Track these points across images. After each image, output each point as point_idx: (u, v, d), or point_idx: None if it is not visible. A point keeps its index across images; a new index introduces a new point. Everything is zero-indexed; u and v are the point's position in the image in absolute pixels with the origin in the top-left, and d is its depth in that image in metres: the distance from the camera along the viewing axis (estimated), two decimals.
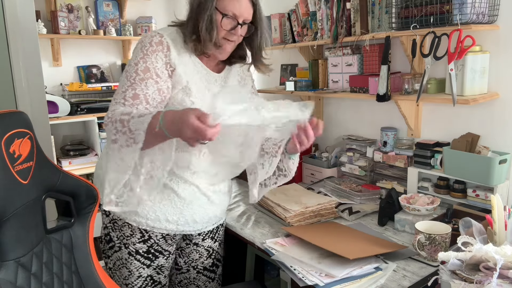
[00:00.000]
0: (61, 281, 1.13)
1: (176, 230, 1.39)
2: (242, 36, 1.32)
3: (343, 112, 2.18)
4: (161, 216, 1.35)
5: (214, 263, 1.57)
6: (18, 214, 1.01)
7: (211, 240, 1.53)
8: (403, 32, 1.60)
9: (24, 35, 1.92)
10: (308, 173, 2.17)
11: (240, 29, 1.28)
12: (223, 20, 1.25)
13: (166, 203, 1.35)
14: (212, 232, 1.52)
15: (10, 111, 1.05)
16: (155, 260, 1.40)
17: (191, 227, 1.41)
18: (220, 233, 1.58)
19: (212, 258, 1.55)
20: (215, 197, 1.42)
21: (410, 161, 1.77)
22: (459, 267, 0.99)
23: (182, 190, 1.34)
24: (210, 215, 1.44)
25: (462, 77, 1.50)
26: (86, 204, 1.22)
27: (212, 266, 1.57)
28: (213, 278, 1.58)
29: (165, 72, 1.26)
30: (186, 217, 1.38)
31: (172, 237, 1.42)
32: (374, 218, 1.65)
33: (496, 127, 1.57)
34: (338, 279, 1.20)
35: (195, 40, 1.28)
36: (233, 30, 1.27)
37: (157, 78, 1.24)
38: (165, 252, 1.42)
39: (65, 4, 3.10)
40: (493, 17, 1.48)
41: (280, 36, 2.28)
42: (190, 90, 1.28)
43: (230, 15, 1.25)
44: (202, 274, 1.55)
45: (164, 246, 1.41)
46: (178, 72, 1.27)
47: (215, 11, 1.24)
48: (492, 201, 1.12)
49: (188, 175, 1.34)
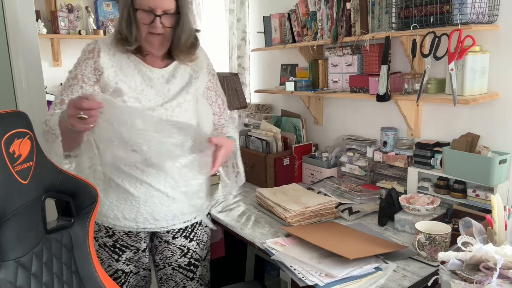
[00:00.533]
0: (61, 281, 1.13)
1: (137, 228, 1.43)
2: (169, 28, 1.31)
3: (343, 112, 2.18)
4: (119, 214, 1.41)
5: (192, 262, 1.56)
6: (18, 214, 1.01)
7: (184, 239, 1.52)
8: (403, 32, 1.60)
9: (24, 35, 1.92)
10: (308, 173, 2.17)
11: (162, 21, 1.28)
12: (140, 15, 1.28)
13: (122, 202, 1.39)
14: (184, 231, 1.52)
15: (10, 111, 1.05)
16: (123, 255, 1.48)
17: (153, 225, 1.44)
18: (199, 233, 1.56)
19: (188, 258, 1.54)
20: (175, 195, 1.41)
21: (410, 161, 1.77)
22: (459, 267, 0.99)
23: (135, 188, 1.37)
24: (174, 212, 1.44)
25: (462, 77, 1.50)
26: (86, 204, 1.22)
27: (189, 266, 1.56)
28: (192, 278, 1.57)
29: (92, 77, 1.35)
30: (144, 215, 1.41)
31: (135, 234, 1.46)
32: (374, 218, 1.65)
33: (496, 127, 1.57)
34: (338, 279, 1.20)
35: (121, 40, 1.32)
36: (153, 23, 1.27)
37: (82, 83, 1.34)
38: (131, 247, 1.48)
39: (65, 4, 3.10)
40: (493, 17, 1.48)
41: (280, 36, 2.28)
42: (121, 91, 1.32)
43: (146, 9, 1.27)
44: (178, 271, 1.56)
45: (129, 241, 1.47)
46: (106, 75, 1.34)
47: (131, 7, 1.28)
48: (492, 201, 1.12)
49: (138, 173, 1.36)
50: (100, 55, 1.35)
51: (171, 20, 1.31)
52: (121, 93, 1.33)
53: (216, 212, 1.80)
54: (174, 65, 1.44)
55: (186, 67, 1.46)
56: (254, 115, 2.63)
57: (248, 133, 2.30)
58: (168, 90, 1.40)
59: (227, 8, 2.74)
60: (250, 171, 2.21)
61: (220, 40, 3.17)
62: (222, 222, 1.72)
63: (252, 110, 2.67)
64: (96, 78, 1.35)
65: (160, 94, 1.38)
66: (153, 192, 1.39)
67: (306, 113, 2.34)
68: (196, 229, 1.55)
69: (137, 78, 1.37)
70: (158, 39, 1.32)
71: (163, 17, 1.28)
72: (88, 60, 1.35)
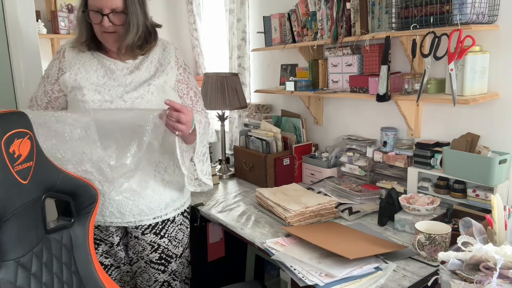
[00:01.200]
0: (61, 281, 1.13)
1: (105, 222, 1.47)
2: (120, 25, 1.38)
3: (343, 112, 2.18)
4: None
5: (163, 257, 1.57)
6: (18, 214, 1.01)
7: (154, 235, 1.54)
8: (403, 32, 1.59)
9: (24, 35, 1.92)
10: (308, 173, 2.17)
11: (111, 19, 1.36)
12: (92, 15, 1.37)
13: None
14: (154, 227, 1.53)
15: (10, 111, 1.05)
16: (99, 247, 1.54)
17: (119, 219, 1.47)
18: (170, 230, 1.57)
19: (159, 253, 1.56)
20: (141, 191, 1.45)
21: (410, 161, 1.77)
22: (459, 267, 0.99)
23: (99, 182, 1.40)
24: (141, 207, 1.47)
25: (462, 77, 1.50)
26: (86, 204, 1.23)
27: (160, 260, 1.57)
28: (164, 271, 1.59)
29: (54, 76, 1.48)
30: (110, 209, 1.45)
31: (105, 228, 1.51)
32: (374, 218, 1.65)
33: (496, 127, 1.57)
34: (338, 279, 1.20)
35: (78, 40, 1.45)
36: (102, 23, 1.36)
37: (45, 82, 1.49)
38: (105, 241, 1.54)
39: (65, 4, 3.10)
40: (493, 17, 1.48)
41: (280, 36, 2.28)
42: (80, 86, 1.42)
43: (95, 9, 1.36)
44: (150, 266, 1.58)
45: (101, 235, 1.53)
46: (68, 75, 1.44)
47: (83, 9, 1.39)
48: (492, 201, 1.12)
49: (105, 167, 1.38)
50: (65, 56, 1.48)
51: (121, 18, 1.38)
52: (81, 88, 1.41)
53: (216, 212, 1.80)
54: (141, 58, 1.50)
55: (153, 60, 1.50)
56: (254, 115, 2.63)
57: (248, 133, 2.30)
58: (131, 81, 1.44)
59: (227, 8, 2.74)
60: (250, 171, 2.21)
61: (220, 40, 3.17)
62: (222, 222, 1.71)
63: (252, 110, 2.67)
64: (57, 76, 1.47)
65: (121, 85, 1.43)
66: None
67: (306, 113, 2.34)
68: (168, 226, 1.56)
69: (100, 72, 1.45)
70: (112, 37, 1.40)
71: (111, 15, 1.36)
72: (55, 61, 1.49)
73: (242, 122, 2.71)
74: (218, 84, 2.21)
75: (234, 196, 2.01)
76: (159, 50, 1.53)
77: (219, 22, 3.13)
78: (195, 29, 3.22)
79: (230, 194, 2.04)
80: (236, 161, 2.33)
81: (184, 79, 1.55)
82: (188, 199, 1.69)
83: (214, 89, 2.21)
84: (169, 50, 1.53)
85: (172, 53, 1.53)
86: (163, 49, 1.53)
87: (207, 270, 2.19)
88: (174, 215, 1.58)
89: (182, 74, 1.55)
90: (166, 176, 1.51)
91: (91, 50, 1.47)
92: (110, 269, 1.59)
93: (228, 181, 2.29)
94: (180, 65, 1.55)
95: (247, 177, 2.26)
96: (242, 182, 2.26)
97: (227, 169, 2.37)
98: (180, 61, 1.56)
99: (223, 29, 2.94)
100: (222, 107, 2.24)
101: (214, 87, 2.21)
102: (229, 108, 2.25)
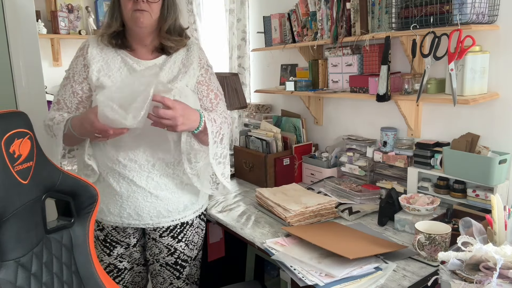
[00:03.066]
0: (61, 281, 1.13)
1: (122, 223, 1.46)
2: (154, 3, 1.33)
3: (343, 112, 2.18)
4: (105, 208, 1.44)
5: (178, 262, 1.55)
6: (18, 214, 1.01)
7: (171, 238, 1.51)
8: (403, 32, 1.60)
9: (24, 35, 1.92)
10: (308, 173, 2.17)
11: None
12: None
13: (108, 196, 1.43)
14: (172, 230, 1.51)
15: (10, 111, 1.05)
16: (114, 250, 1.51)
17: (137, 221, 1.45)
18: (188, 234, 1.54)
19: (175, 257, 1.54)
20: (159, 193, 1.43)
21: (410, 161, 1.77)
22: (459, 267, 0.99)
23: (117, 184, 1.41)
24: (158, 209, 1.45)
25: (462, 77, 1.50)
26: (86, 204, 1.22)
27: (176, 265, 1.55)
28: (178, 276, 1.58)
29: (82, 74, 1.41)
30: (128, 211, 1.43)
31: (123, 229, 1.49)
32: (374, 218, 1.65)
33: (496, 127, 1.57)
34: (338, 279, 1.20)
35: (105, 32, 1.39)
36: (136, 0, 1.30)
37: (72, 82, 1.42)
38: (122, 242, 1.51)
39: (65, 4, 3.10)
40: (493, 17, 1.48)
41: (280, 36, 2.28)
42: (102, 84, 1.37)
43: None
44: (166, 268, 1.56)
45: (118, 237, 1.49)
46: (92, 70, 1.39)
47: None
48: (492, 201, 1.12)
49: (121, 168, 1.39)
50: (88, 51, 1.41)
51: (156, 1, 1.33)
52: (103, 86, 1.36)
53: (216, 212, 1.80)
54: (163, 58, 1.45)
55: (177, 60, 1.45)
56: (254, 115, 2.63)
57: (248, 133, 2.30)
58: None
59: (227, 8, 2.74)
60: (250, 171, 2.21)
61: (220, 40, 3.17)
62: (222, 222, 1.71)
63: (252, 110, 2.67)
64: (86, 74, 1.41)
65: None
66: (135, 188, 1.41)
67: (306, 113, 2.34)
68: (186, 229, 1.54)
69: (123, 71, 1.40)
70: (143, 16, 1.33)
71: None
72: (79, 58, 1.43)
73: (242, 122, 2.71)
74: None
75: (234, 196, 2.01)
76: (183, 50, 1.48)
77: (219, 22, 3.13)
78: (195, 29, 3.22)
79: (230, 194, 2.04)
80: (236, 161, 2.33)
81: (205, 80, 1.49)
82: (206, 201, 1.65)
83: None
84: (193, 50, 1.48)
85: (196, 53, 1.48)
86: (187, 49, 1.48)
87: (207, 270, 2.20)
88: (192, 217, 1.55)
89: (204, 75, 1.49)
90: (184, 178, 1.47)
91: (116, 46, 1.41)
92: (123, 272, 1.56)
93: None
94: (202, 65, 1.49)
95: (247, 177, 2.26)
96: (242, 182, 2.26)
97: None
98: (203, 62, 1.50)
99: (223, 29, 2.94)
100: None
101: None
102: (229, 108, 2.25)
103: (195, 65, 1.46)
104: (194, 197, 1.53)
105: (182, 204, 1.49)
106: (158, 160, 1.41)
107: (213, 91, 1.51)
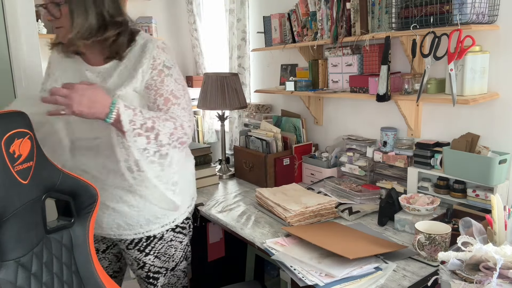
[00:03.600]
0: (61, 281, 1.13)
1: None
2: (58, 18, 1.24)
3: (343, 112, 2.18)
4: None
5: (150, 276, 1.49)
6: (18, 214, 1.01)
7: (138, 252, 1.44)
8: (403, 32, 1.60)
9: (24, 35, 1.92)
10: (308, 173, 2.17)
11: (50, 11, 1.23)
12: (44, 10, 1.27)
13: None
14: (137, 243, 1.43)
15: (10, 111, 1.06)
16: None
17: (99, 230, 1.43)
18: (157, 246, 1.45)
19: (146, 271, 1.48)
20: (114, 205, 1.37)
21: (410, 161, 1.77)
22: (459, 267, 0.99)
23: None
24: (117, 221, 1.39)
25: (462, 77, 1.50)
26: (86, 204, 1.22)
27: (148, 278, 1.50)
28: (155, 284, 1.52)
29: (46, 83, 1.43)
30: None
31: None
32: (374, 218, 1.65)
33: (496, 127, 1.57)
34: (338, 279, 1.20)
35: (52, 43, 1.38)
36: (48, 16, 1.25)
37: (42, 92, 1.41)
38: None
39: None
40: (493, 17, 1.48)
41: (280, 36, 2.28)
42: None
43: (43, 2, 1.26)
44: (140, 280, 1.54)
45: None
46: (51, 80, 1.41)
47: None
48: (492, 201, 1.12)
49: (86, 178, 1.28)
50: (50, 64, 1.45)
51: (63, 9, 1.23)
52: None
53: (216, 212, 1.80)
54: (112, 63, 1.33)
55: (129, 64, 1.31)
56: (254, 115, 2.63)
57: (248, 133, 2.30)
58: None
59: (227, 8, 2.74)
60: (250, 171, 2.21)
61: (220, 40, 3.17)
62: (222, 222, 1.71)
63: (252, 110, 2.67)
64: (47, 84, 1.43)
65: None
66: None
67: (306, 113, 2.34)
68: (154, 243, 1.45)
69: (76, 79, 1.34)
70: (60, 32, 1.27)
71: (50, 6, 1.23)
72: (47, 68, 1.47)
73: (242, 122, 2.71)
74: (218, 84, 2.21)
75: (234, 196, 2.01)
76: (138, 52, 1.32)
77: (219, 22, 3.13)
78: (195, 29, 3.22)
79: (230, 194, 2.04)
80: (236, 161, 2.33)
81: (155, 83, 1.31)
82: (183, 213, 1.50)
83: (214, 89, 2.21)
84: (147, 50, 1.30)
85: (150, 54, 1.30)
86: (141, 49, 1.31)
87: (207, 270, 2.20)
88: (161, 231, 1.44)
89: (155, 77, 1.30)
90: (144, 191, 1.33)
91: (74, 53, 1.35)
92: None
93: (228, 181, 2.29)
94: (155, 67, 1.30)
95: (247, 177, 2.26)
96: (242, 182, 2.26)
97: (227, 169, 2.37)
98: (158, 62, 1.31)
99: (223, 29, 2.94)
100: (222, 107, 2.24)
101: (214, 87, 2.21)
102: (229, 108, 2.25)
103: (145, 67, 1.29)
104: (160, 211, 1.40)
105: (144, 218, 1.39)
106: (110, 172, 1.34)
107: (162, 95, 1.31)
